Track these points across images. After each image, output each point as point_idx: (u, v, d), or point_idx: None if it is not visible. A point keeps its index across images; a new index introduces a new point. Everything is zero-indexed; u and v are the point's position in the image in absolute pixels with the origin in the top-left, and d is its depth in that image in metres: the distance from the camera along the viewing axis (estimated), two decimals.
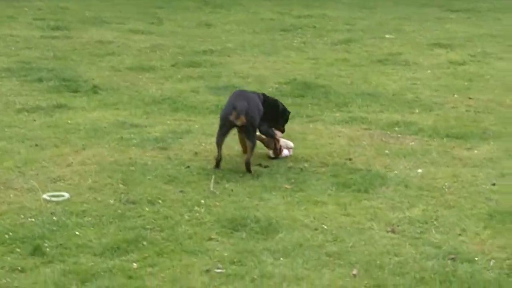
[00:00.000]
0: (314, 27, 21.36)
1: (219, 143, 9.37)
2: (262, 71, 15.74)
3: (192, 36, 19.51)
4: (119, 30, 19.93)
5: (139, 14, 22.98)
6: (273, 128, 9.94)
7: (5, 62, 15.68)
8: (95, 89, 13.79)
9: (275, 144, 9.74)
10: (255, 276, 6.40)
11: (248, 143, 9.32)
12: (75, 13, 22.55)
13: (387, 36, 20.06)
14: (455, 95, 13.72)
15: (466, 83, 14.69)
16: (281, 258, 6.79)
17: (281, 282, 6.33)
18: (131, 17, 22.28)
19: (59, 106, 12.47)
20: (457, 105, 13.06)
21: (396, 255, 6.95)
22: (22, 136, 10.58)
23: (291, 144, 10.03)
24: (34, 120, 11.61)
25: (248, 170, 9.18)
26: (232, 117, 9.10)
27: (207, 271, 6.52)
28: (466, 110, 12.66)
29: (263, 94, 10.10)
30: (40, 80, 14.31)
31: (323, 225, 7.63)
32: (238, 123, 9.08)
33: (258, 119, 9.37)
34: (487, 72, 15.85)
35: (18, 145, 10.18)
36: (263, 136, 9.93)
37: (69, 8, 23.53)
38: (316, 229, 7.51)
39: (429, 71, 15.86)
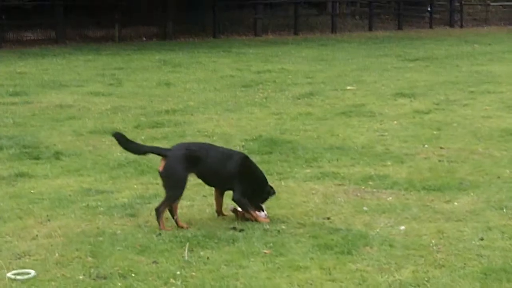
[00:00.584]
0: (275, 81, 21.01)
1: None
2: (227, 129, 15.22)
3: (153, 96, 19.03)
4: (78, 93, 19.40)
5: (98, 76, 22.53)
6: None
7: None
8: (57, 155, 13.16)
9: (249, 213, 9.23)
10: None
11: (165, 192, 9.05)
12: (33, 78, 22.04)
13: (348, 87, 19.72)
14: (425, 145, 13.28)
15: (435, 132, 14.29)
16: None
17: None
18: (89, 79, 21.80)
19: (21, 175, 11.80)
20: (429, 155, 12.59)
21: None
22: None
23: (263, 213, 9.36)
24: None
25: (158, 218, 8.86)
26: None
27: None
28: (439, 160, 12.19)
29: (243, 157, 9.47)
30: (0, 148, 13.64)
31: None
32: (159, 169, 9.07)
33: (183, 174, 9.02)
34: (453, 119, 15.49)
35: None
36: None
37: (27, 72, 23.02)
38: None
39: (395, 121, 15.45)
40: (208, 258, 7.98)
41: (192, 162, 8.94)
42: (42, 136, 14.82)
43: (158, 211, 8.78)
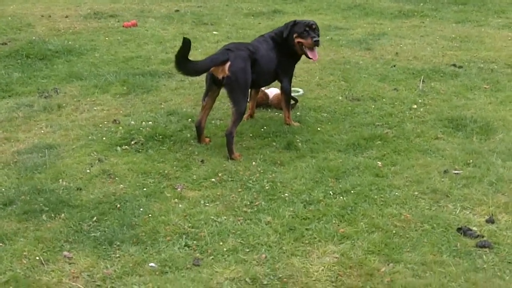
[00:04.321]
0: None
1: (202, 105, 5.38)
2: None
3: None
4: None
5: None
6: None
7: None
8: None
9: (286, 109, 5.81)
10: (493, 180, 4.71)
11: (232, 109, 5.16)
12: None
13: None
14: None
15: None
16: (509, 161, 5.05)
17: None
18: None
19: (276, 11, 10.90)
20: None
21: None
22: (252, 37, 9.00)
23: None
24: (259, 23, 10.08)
25: (229, 147, 5.11)
26: (213, 69, 5.13)
27: (445, 172, 4.89)
28: None
29: (271, 38, 5.67)
30: None
31: None
32: (220, 75, 5.12)
33: (248, 75, 5.22)
34: None
35: None
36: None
37: None
38: None
39: None
40: (439, 89, 6.87)
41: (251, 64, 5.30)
42: None
43: (231, 136, 5.11)
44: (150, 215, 4.21)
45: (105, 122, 5.86)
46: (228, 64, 5.11)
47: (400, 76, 7.28)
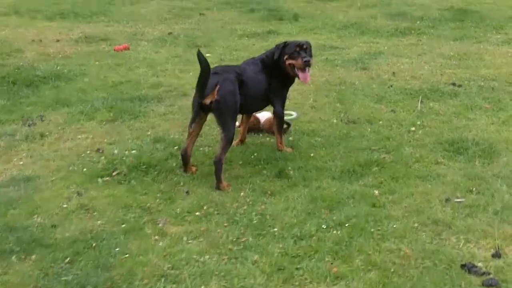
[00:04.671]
0: None
1: (189, 131, 4.99)
2: (423, 1, 13.28)
3: None
4: None
5: None
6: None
7: None
8: (295, 17, 11.86)
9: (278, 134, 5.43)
10: (498, 208, 4.32)
11: (221, 135, 4.81)
12: None
13: None
14: None
15: None
16: None
17: None
18: None
19: (270, 32, 10.59)
20: None
21: None
22: (246, 59, 8.67)
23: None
24: (253, 44, 9.75)
25: (217, 175, 4.73)
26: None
27: (447, 200, 4.50)
28: None
29: (261, 60, 5.33)
30: (252, 10, 12.47)
31: None
32: (208, 100, 4.74)
33: (237, 98, 4.89)
34: None
35: None
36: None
37: None
38: None
39: None
40: (437, 110, 6.51)
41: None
42: (281, 1, 13.48)
43: (219, 163, 4.72)
44: (127, 254, 3.83)
45: (88, 152, 5.50)
46: (216, 88, 4.76)
47: (397, 97, 6.92)
